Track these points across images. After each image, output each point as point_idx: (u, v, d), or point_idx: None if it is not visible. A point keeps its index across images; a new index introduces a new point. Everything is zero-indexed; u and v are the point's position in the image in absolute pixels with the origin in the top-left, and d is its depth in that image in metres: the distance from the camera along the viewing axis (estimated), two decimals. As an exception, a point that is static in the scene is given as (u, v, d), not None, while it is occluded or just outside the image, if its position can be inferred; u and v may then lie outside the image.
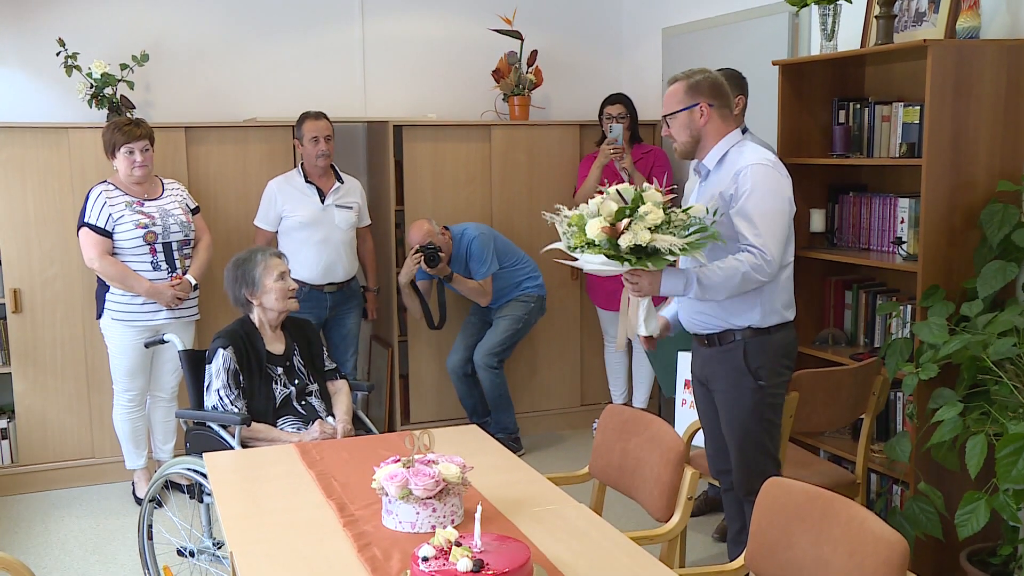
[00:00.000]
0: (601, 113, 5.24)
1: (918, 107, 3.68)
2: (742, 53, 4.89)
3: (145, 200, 4.44)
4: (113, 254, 4.38)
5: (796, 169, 4.14)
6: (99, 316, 4.52)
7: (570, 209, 2.96)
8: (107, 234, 4.35)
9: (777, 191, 3.02)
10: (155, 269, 4.41)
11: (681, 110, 3.13)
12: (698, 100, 3.11)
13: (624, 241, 2.74)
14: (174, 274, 4.44)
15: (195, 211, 4.62)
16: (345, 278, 4.89)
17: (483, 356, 5.09)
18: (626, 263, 2.78)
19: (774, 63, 4.18)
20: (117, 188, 4.42)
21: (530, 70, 5.62)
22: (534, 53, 5.62)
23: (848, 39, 4.11)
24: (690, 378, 4.26)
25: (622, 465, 3.00)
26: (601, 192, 2.89)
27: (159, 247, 4.40)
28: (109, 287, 4.43)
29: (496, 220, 5.49)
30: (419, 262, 4.82)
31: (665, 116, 3.18)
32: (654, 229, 2.75)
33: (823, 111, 4.21)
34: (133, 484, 4.76)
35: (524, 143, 5.52)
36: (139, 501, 4.62)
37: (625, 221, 2.76)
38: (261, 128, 5.08)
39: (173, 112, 5.21)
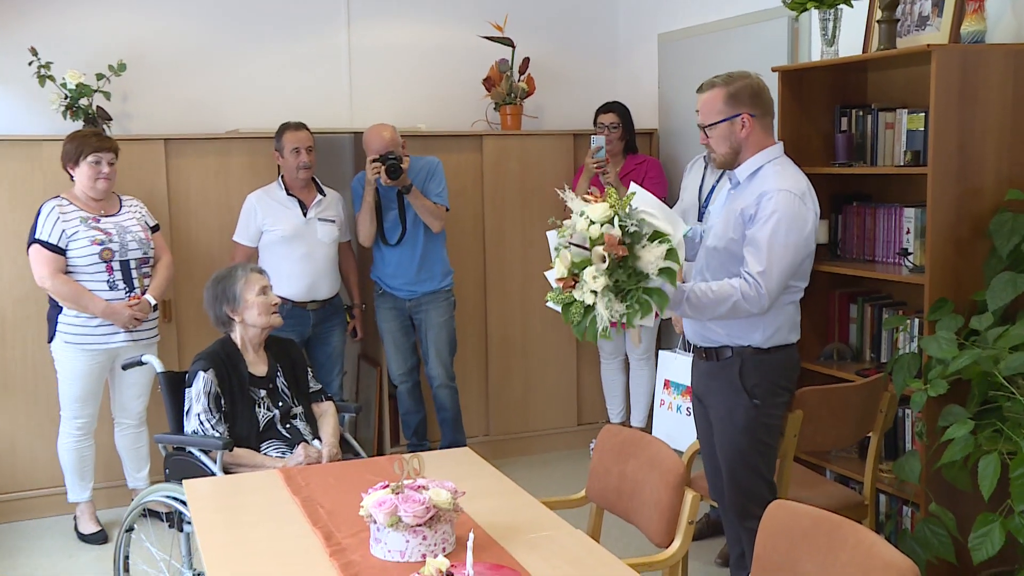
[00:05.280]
0: (595, 122, 5.24)
1: (923, 114, 3.68)
2: (740, 59, 4.90)
3: (101, 216, 4.38)
4: (67, 273, 4.31)
5: (798, 179, 4.15)
6: (50, 339, 4.42)
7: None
8: (60, 251, 4.28)
9: (797, 224, 2.97)
10: (112, 288, 4.34)
11: (721, 121, 3.08)
12: (739, 111, 3.06)
13: (576, 295, 2.75)
14: (132, 294, 4.38)
15: (155, 229, 4.57)
16: (329, 295, 4.86)
17: (444, 375, 4.97)
18: (571, 322, 2.78)
19: (773, 69, 4.19)
20: (71, 203, 4.36)
21: (522, 78, 5.63)
22: (526, 61, 5.63)
23: (849, 44, 4.12)
24: (670, 379, 4.27)
25: (620, 488, 2.98)
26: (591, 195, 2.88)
27: (116, 265, 4.34)
28: (62, 308, 4.34)
29: (488, 232, 5.48)
30: (379, 172, 4.62)
31: (704, 127, 3.12)
32: (602, 292, 2.71)
33: (825, 119, 4.22)
34: (75, 519, 4.63)
35: (516, 153, 5.52)
36: (82, 538, 4.55)
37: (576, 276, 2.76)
38: (243, 140, 5.07)
39: (152, 124, 5.20)
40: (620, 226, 2.69)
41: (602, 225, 2.69)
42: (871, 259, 4.11)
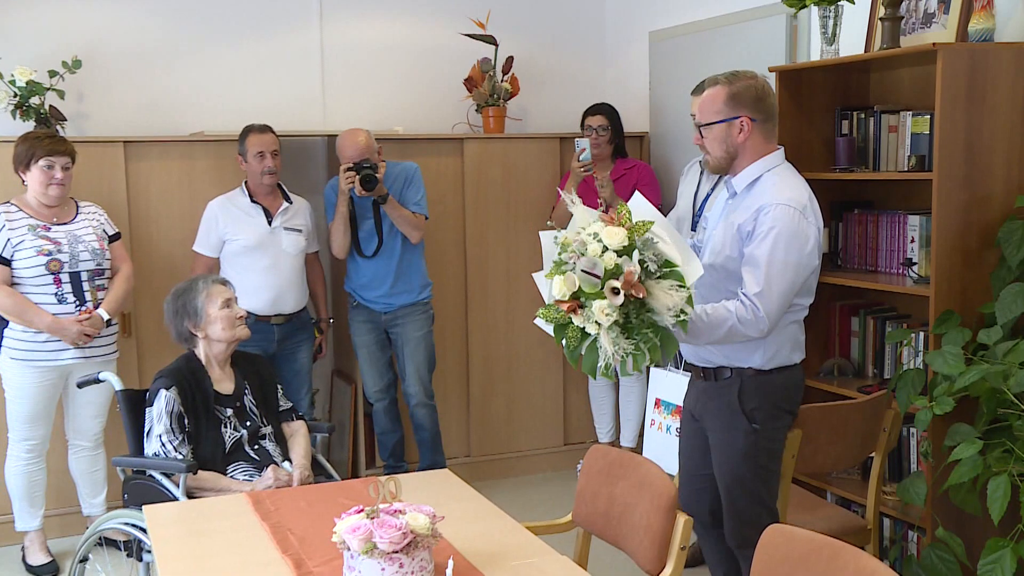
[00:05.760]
0: (583, 125, 5.26)
1: (928, 116, 3.70)
2: (736, 59, 4.93)
3: (53, 224, 4.34)
4: (13, 284, 4.26)
5: (796, 185, 4.16)
6: None
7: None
8: (5, 261, 4.24)
9: (797, 241, 2.96)
10: (60, 302, 4.30)
11: (719, 122, 3.06)
12: (740, 113, 3.04)
13: (577, 321, 2.65)
14: (83, 308, 4.34)
15: (114, 238, 4.54)
16: (295, 308, 4.84)
17: (422, 392, 4.95)
18: (566, 347, 2.71)
19: (771, 69, 4.21)
20: (20, 209, 4.32)
21: (505, 78, 5.64)
22: (510, 60, 5.64)
23: (851, 43, 4.15)
24: (661, 397, 4.28)
25: (608, 512, 2.98)
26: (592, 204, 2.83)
27: (65, 277, 4.29)
28: (8, 322, 4.30)
29: (469, 242, 5.48)
30: (352, 182, 4.60)
31: (700, 126, 3.12)
32: (608, 327, 2.62)
33: (825, 121, 4.24)
34: (23, 550, 4.56)
35: (499, 158, 5.53)
36: (31, 570, 4.48)
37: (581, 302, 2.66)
38: (209, 143, 5.05)
39: (110, 125, 5.18)
40: (639, 261, 2.61)
41: (619, 255, 2.60)
42: (873, 269, 4.12)
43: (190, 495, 3.42)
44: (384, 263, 4.84)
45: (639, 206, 2.73)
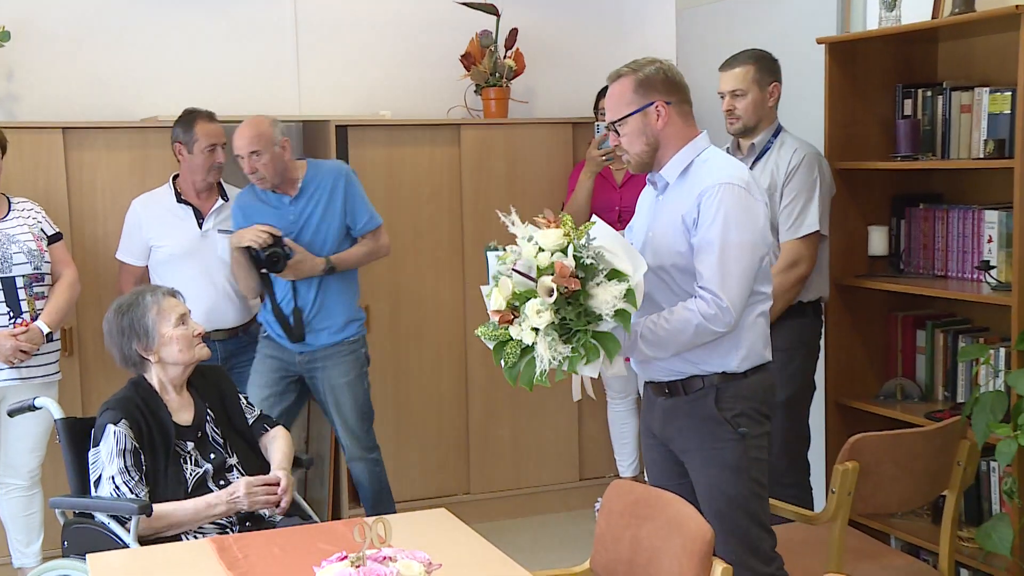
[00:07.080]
0: (596, 108, 5.25)
1: (1009, 93, 3.71)
2: (778, 29, 4.92)
3: None
4: None
5: (850, 176, 4.15)
6: None
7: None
8: None
9: (748, 220, 3.07)
10: None
11: (631, 113, 3.18)
12: (652, 99, 3.17)
13: (513, 332, 2.89)
14: (18, 320, 4.32)
15: (54, 239, 4.52)
16: (238, 322, 4.80)
17: (356, 446, 4.76)
18: (501, 362, 2.97)
19: (819, 41, 4.21)
20: None
21: (509, 54, 5.63)
22: (514, 32, 5.63)
23: (915, 8, 4.14)
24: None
25: (633, 559, 2.97)
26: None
27: None
28: None
29: (468, 243, 5.48)
30: (258, 243, 4.37)
31: (613, 123, 3.23)
32: (545, 330, 2.83)
33: (883, 101, 4.24)
34: None
35: (502, 146, 5.53)
36: None
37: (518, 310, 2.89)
38: (163, 130, 5.00)
39: (47, 108, 5.16)
40: (575, 256, 2.83)
41: (552, 254, 2.83)
42: (943, 275, 4.13)
43: (144, 540, 3.38)
44: (300, 294, 4.61)
45: (601, 232, 2.93)
